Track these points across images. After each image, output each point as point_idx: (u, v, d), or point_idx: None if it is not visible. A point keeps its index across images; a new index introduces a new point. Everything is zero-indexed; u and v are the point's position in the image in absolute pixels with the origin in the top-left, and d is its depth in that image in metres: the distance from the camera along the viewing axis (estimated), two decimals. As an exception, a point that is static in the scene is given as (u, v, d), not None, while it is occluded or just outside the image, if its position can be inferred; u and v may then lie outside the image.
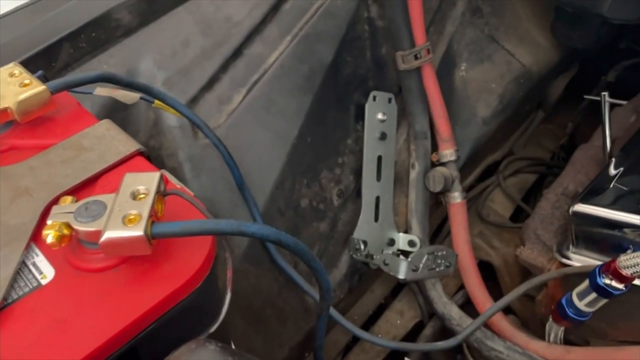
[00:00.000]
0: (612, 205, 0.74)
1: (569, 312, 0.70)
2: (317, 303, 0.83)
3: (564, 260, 0.79)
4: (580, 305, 0.68)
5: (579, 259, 0.78)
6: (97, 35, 0.75)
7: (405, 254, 0.89)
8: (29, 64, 0.70)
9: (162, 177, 0.41)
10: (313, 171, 0.85)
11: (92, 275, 0.40)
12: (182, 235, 0.39)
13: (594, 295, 0.66)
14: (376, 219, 0.90)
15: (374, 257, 0.86)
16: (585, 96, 0.92)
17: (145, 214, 0.38)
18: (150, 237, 0.38)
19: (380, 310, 1.00)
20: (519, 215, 1.17)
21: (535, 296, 0.90)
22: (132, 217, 0.38)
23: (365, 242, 0.87)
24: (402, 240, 0.91)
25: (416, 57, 0.88)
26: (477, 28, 1.03)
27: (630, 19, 0.86)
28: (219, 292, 0.45)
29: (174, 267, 0.41)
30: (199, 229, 0.39)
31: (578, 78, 1.25)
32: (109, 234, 0.37)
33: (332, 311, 0.82)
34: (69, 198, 0.41)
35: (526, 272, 1.02)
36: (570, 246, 0.78)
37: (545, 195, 0.90)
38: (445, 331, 0.90)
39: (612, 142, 0.93)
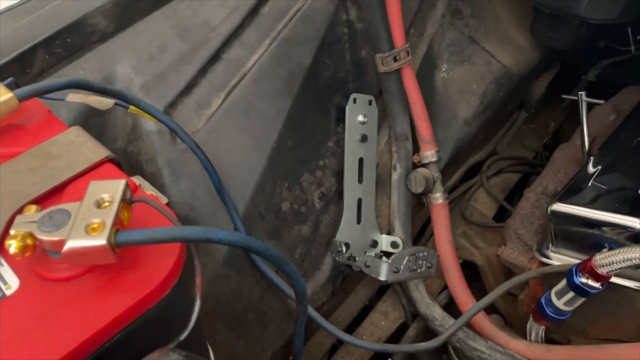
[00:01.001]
0: (590, 204, 0.74)
1: (548, 311, 0.71)
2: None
3: (544, 260, 0.79)
4: (559, 304, 0.69)
5: (559, 258, 0.78)
6: (72, 40, 0.75)
7: (388, 255, 0.89)
8: (4, 71, 0.70)
9: (127, 184, 0.41)
10: (294, 174, 0.85)
11: (58, 285, 0.40)
12: (147, 243, 0.38)
13: (571, 294, 0.66)
14: (358, 221, 0.90)
15: (357, 259, 0.86)
16: (563, 96, 0.93)
17: (109, 222, 0.38)
18: (114, 245, 0.37)
19: (364, 312, 1.00)
20: (502, 215, 1.17)
21: (519, 295, 0.90)
22: (95, 225, 0.37)
23: (347, 245, 0.87)
24: (384, 241, 0.91)
25: (395, 59, 0.88)
26: (457, 29, 1.04)
27: (606, 19, 0.87)
28: (189, 299, 0.44)
29: (141, 276, 0.40)
30: (164, 236, 0.39)
31: (560, 77, 1.26)
32: (71, 244, 0.36)
33: (315, 314, 0.82)
34: (33, 207, 0.41)
35: (509, 271, 1.03)
36: (550, 245, 0.79)
37: (526, 194, 0.91)
38: (429, 332, 0.90)
39: (591, 140, 0.94)
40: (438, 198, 0.93)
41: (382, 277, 0.78)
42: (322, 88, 0.89)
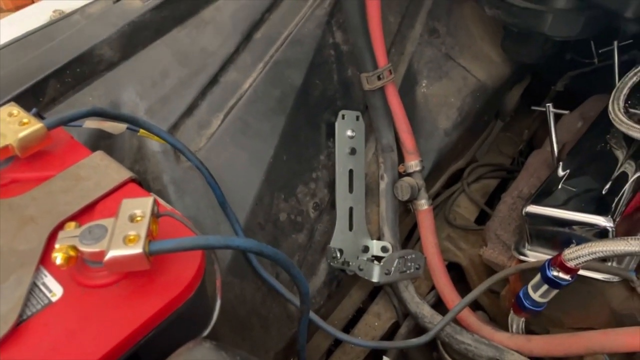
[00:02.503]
0: (560, 205, 0.82)
1: (526, 303, 0.78)
2: (298, 309, 0.88)
3: (521, 257, 0.87)
4: (535, 296, 0.76)
5: (534, 255, 0.86)
6: (81, 70, 0.81)
7: (379, 259, 0.96)
8: (19, 100, 0.76)
9: (155, 201, 0.47)
10: (289, 187, 0.91)
11: (97, 290, 0.46)
12: (176, 250, 0.45)
13: (545, 286, 0.73)
14: (350, 228, 0.96)
15: (350, 263, 0.92)
16: (533, 107, 1.01)
17: (143, 234, 0.44)
18: (148, 253, 0.43)
19: (358, 314, 1.06)
20: (483, 218, 1.25)
21: (501, 292, 0.98)
22: (131, 237, 0.44)
23: (341, 251, 0.93)
24: (375, 246, 0.98)
25: (379, 78, 0.95)
26: (435, 47, 1.12)
27: (569, 36, 0.95)
28: (209, 300, 0.50)
29: (169, 280, 0.47)
30: (191, 244, 0.45)
31: (531, 88, 1.35)
32: (112, 253, 0.42)
33: (314, 316, 0.88)
34: (72, 224, 0.47)
35: (492, 270, 1.10)
36: (526, 244, 0.86)
37: (503, 198, 0.98)
38: (419, 329, 0.96)
39: (561, 147, 1.02)
40: (423, 205, 1.00)
41: (375, 279, 0.84)
42: (313, 106, 0.95)
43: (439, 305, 1.02)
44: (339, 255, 0.92)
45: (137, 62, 0.86)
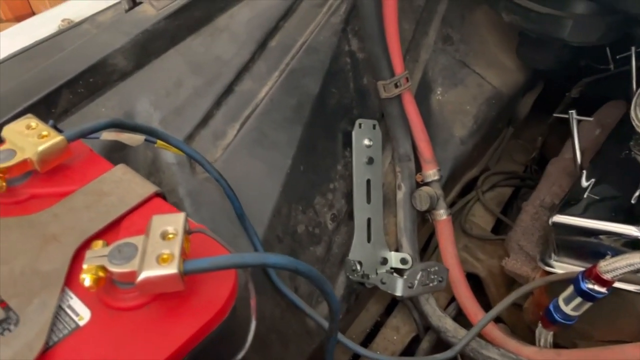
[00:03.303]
0: (587, 215, 0.80)
1: (557, 317, 0.75)
2: (318, 325, 0.86)
3: (547, 268, 0.84)
4: (567, 309, 0.73)
5: (561, 266, 0.83)
6: (94, 80, 0.78)
7: (398, 271, 0.94)
8: (31, 111, 0.73)
9: (186, 217, 0.45)
10: (307, 198, 0.89)
11: (127, 313, 0.43)
12: (212, 269, 0.42)
13: (579, 299, 0.71)
14: (369, 240, 0.94)
15: (370, 276, 0.90)
16: (555, 114, 0.99)
17: (177, 252, 0.41)
18: (183, 273, 0.41)
19: (376, 328, 1.03)
20: (499, 227, 1.23)
21: (522, 304, 0.95)
22: (165, 256, 0.41)
23: (360, 263, 0.91)
24: (394, 258, 0.95)
25: (396, 86, 0.93)
26: (449, 54, 1.10)
27: (589, 42, 0.94)
28: (245, 320, 0.48)
29: (203, 301, 0.44)
30: (227, 263, 0.43)
31: (543, 95, 1.34)
32: (145, 274, 0.40)
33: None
34: (99, 242, 0.44)
35: (511, 281, 1.08)
36: (552, 255, 0.84)
37: (525, 208, 0.96)
38: (441, 343, 0.94)
39: (580, 154, 1.00)
40: (442, 214, 0.98)
41: (398, 293, 0.82)
42: (329, 115, 0.93)
43: (458, 318, 0.99)
44: (358, 267, 0.89)
45: (151, 72, 0.83)
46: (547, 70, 1.13)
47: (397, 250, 0.98)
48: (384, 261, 0.96)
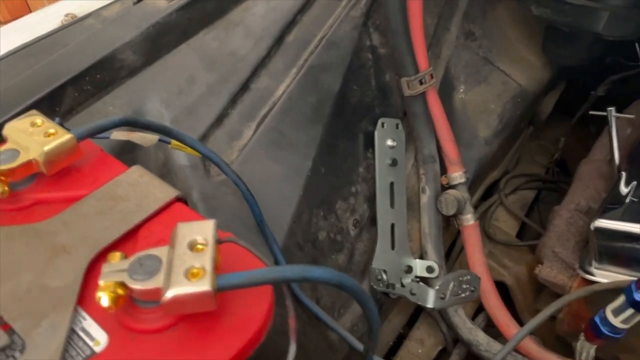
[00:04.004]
0: (630, 219, 0.74)
1: (604, 330, 0.70)
2: (340, 339, 0.80)
3: (588, 277, 0.79)
4: (616, 322, 0.68)
5: (603, 274, 0.78)
6: (101, 76, 0.73)
7: (424, 280, 0.88)
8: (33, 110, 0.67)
9: (216, 224, 0.39)
10: (328, 202, 0.83)
11: (150, 336, 0.37)
12: (248, 285, 0.36)
13: (630, 311, 0.65)
14: (392, 247, 0.88)
15: (395, 286, 0.84)
16: (592, 112, 0.94)
17: (209, 266, 0.35)
18: (217, 290, 0.35)
19: (399, 340, 0.97)
20: (521, 232, 1.17)
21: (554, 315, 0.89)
22: (195, 270, 0.35)
23: (385, 272, 0.85)
24: (419, 266, 0.89)
25: (421, 82, 0.88)
26: (472, 51, 1.05)
27: (624, 35, 0.89)
28: (284, 343, 0.42)
29: (237, 322, 0.38)
30: (265, 277, 0.37)
31: (564, 94, 1.29)
32: (174, 291, 0.34)
33: (360, 345, 0.79)
34: (117, 254, 0.38)
35: (539, 289, 1.02)
36: (593, 262, 0.78)
37: (558, 212, 0.91)
38: (471, 357, 0.88)
39: (612, 155, 0.95)
40: (469, 219, 0.92)
41: (430, 305, 0.76)
42: (350, 114, 0.88)
43: (487, 329, 0.93)
44: (384, 277, 0.83)
45: (162, 68, 0.78)
46: (575, 66, 1.07)
47: (421, 257, 0.93)
48: (409, 269, 0.90)
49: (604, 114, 0.87)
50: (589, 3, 0.85)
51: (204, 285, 0.34)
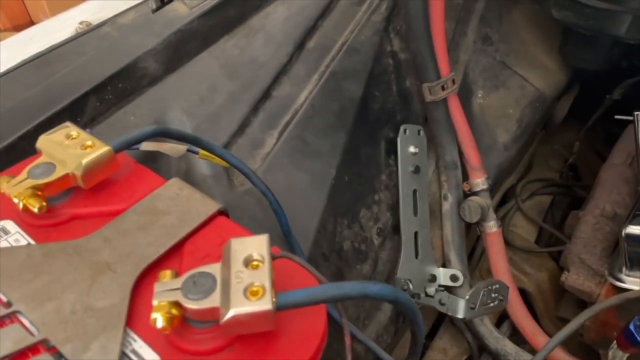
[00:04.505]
0: (662, 224, 0.73)
1: (639, 338, 0.68)
2: (366, 351, 0.78)
3: (618, 284, 0.78)
4: (653, 330, 0.66)
5: (634, 281, 0.77)
6: (123, 85, 0.71)
7: (448, 289, 0.86)
8: (55, 120, 0.65)
9: (269, 239, 0.37)
10: (352, 211, 0.82)
11: (204, 358, 0.35)
12: (309, 304, 0.35)
13: (669, 319, 0.64)
14: (416, 256, 0.86)
15: (420, 295, 0.83)
16: (617, 117, 0.93)
17: (268, 284, 0.34)
18: (276, 309, 0.33)
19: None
20: (539, 238, 1.16)
21: (569, 318, 0.88)
22: (254, 289, 0.34)
23: (410, 281, 0.83)
24: (443, 275, 0.88)
25: (443, 88, 0.86)
26: (489, 55, 1.04)
27: (647, 39, 0.88)
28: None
29: (294, 342, 0.36)
30: (324, 295, 0.35)
31: (577, 98, 1.28)
32: (235, 311, 0.32)
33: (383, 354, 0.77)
34: (167, 272, 0.36)
35: (559, 296, 1.01)
36: (623, 268, 0.77)
37: (584, 218, 0.89)
38: (498, 367, 0.86)
39: (631, 159, 0.94)
40: (492, 226, 0.91)
41: (460, 315, 0.74)
42: (373, 120, 0.86)
43: (512, 338, 0.92)
44: (410, 286, 0.82)
45: (183, 76, 0.76)
46: (593, 70, 1.06)
47: (443, 265, 0.91)
48: (433, 278, 0.88)
49: (629, 118, 0.86)
50: (610, 6, 0.84)
51: (265, 304, 0.33)
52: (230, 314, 0.32)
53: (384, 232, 0.86)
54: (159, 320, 0.33)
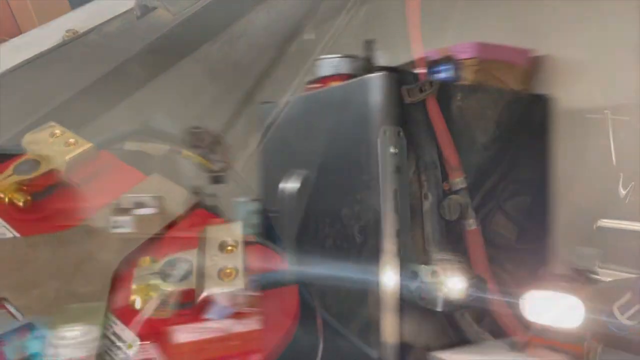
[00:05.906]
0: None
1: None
2: (349, 345, 0.80)
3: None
4: None
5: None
6: (109, 89, 0.73)
7: (428, 285, 0.88)
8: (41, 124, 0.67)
9: (242, 226, 0.39)
10: (335, 210, 0.84)
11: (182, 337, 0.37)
12: (282, 285, 0.37)
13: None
14: (398, 253, 0.89)
15: (402, 291, 0.85)
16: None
17: (241, 266, 0.36)
18: (250, 289, 0.35)
19: (405, 347, 0.97)
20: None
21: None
22: (228, 270, 0.36)
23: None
24: (424, 272, 0.90)
25: (421, 90, 0.89)
26: (467, 59, 1.07)
27: None
28: (314, 340, 0.42)
29: (269, 320, 0.38)
30: (293, 277, 0.37)
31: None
32: (209, 291, 0.34)
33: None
34: (147, 259, 0.38)
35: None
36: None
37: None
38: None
39: None
40: (471, 224, 0.93)
41: (439, 308, 0.77)
42: (354, 122, 0.89)
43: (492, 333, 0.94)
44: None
45: (167, 80, 0.78)
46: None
47: (425, 263, 0.93)
48: (414, 275, 0.90)
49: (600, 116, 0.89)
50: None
51: (237, 285, 0.35)
52: (205, 294, 0.34)
53: (366, 230, 0.88)
54: (137, 302, 0.35)
